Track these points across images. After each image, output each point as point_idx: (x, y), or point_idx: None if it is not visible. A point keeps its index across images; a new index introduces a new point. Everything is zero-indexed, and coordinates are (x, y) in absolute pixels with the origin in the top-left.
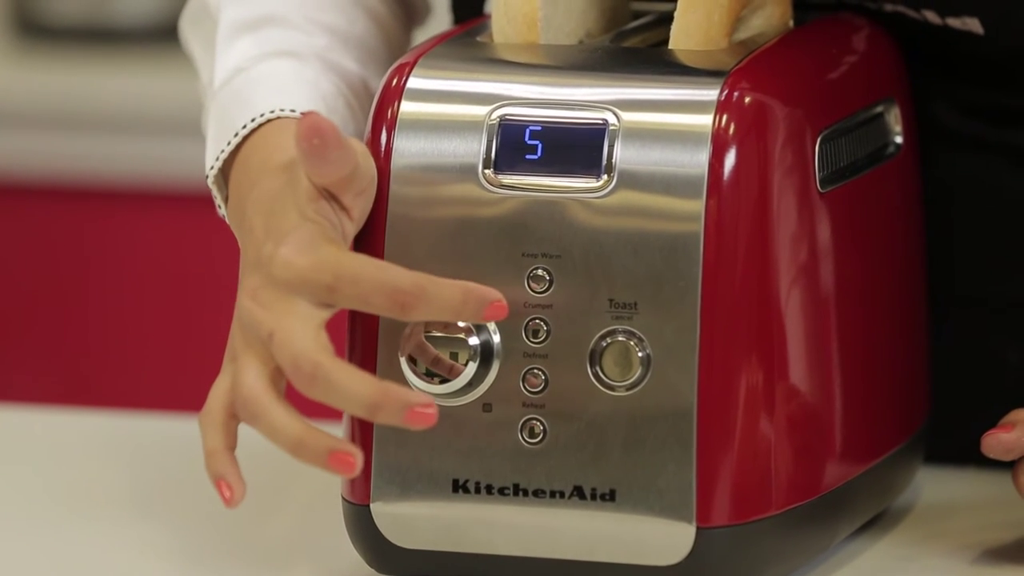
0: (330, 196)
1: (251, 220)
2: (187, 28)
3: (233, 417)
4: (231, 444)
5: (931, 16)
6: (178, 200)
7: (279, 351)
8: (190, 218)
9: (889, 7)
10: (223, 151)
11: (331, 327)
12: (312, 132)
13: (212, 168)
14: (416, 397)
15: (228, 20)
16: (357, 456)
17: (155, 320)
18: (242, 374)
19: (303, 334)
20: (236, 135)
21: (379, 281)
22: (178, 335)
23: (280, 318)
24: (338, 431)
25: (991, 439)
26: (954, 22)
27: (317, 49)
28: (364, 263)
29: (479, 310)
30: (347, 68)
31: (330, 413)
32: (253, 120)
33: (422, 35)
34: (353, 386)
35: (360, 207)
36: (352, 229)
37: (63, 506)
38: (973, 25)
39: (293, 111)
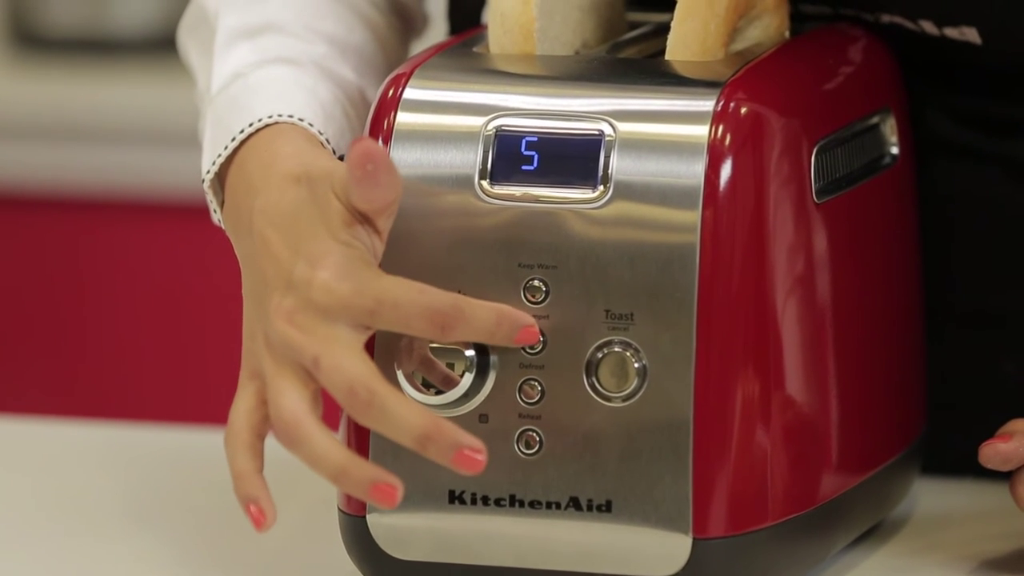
0: (364, 219)
1: (264, 232)
2: (185, 35)
3: (260, 438)
4: (260, 466)
5: (928, 27)
6: (175, 211)
7: (330, 377)
8: (187, 229)
9: (886, 18)
10: (220, 155)
11: None
12: (365, 158)
13: (208, 172)
14: (467, 439)
15: (226, 27)
16: (399, 488)
17: (152, 331)
18: (282, 397)
19: (354, 360)
20: (233, 139)
21: (420, 304)
22: (175, 346)
23: (325, 344)
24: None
25: (989, 449)
26: (952, 32)
27: (315, 57)
28: (404, 287)
29: (512, 333)
30: (345, 77)
31: (328, 424)
32: (251, 125)
33: (419, 45)
34: (409, 417)
35: (388, 228)
36: (382, 249)
37: (59, 517)
38: (971, 35)
39: (291, 116)
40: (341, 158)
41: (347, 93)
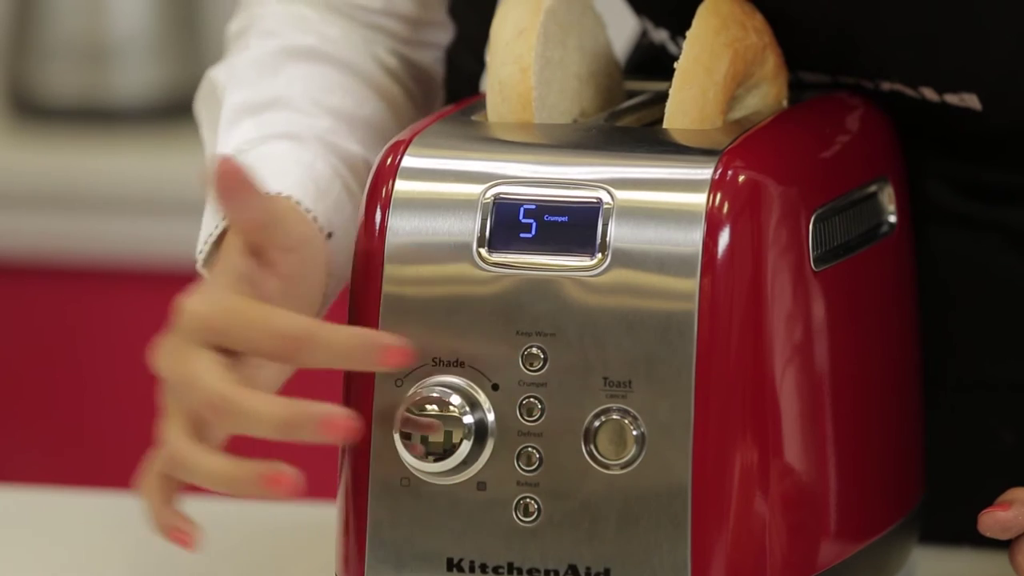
0: (256, 251)
1: None
2: (198, 107)
3: (168, 477)
4: (169, 498)
5: (929, 93)
6: (173, 280)
7: (191, 397)
8: None
9: (887, 86)
10: (211, 235)
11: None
12: (226, 174)
13: (201, 252)
14: (328, 409)
15: (231, 104)
16: (288, 472)
17: (148, 400)
18: (165, 434)
19: (208, 374)
20: (224, 218)
21: (270, 327)
22: None
23: (185, 366)
24: (332, 510)
25: (988, 518)
26: (952, 99)
27: (319, 131)
28: (257, 310)
29: (370, 356)
30: (350, 150)
31: (326, 491)
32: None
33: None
34: (263, 408)
35: (290, 265)
36: (278, 286)
37: None
38: (972, 101)
39: (279, 194)
40: (330, 235)
41: (351, 166)
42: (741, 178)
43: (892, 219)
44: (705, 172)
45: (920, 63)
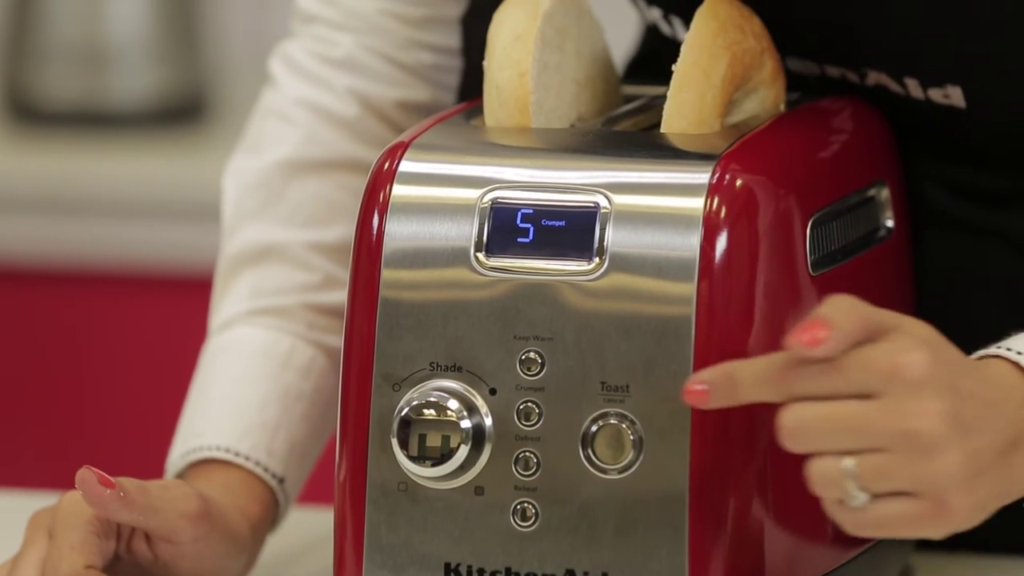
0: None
1: None
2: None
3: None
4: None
5: (913, 88)
6: (171, 284)
7: None
8: (183, 302)
9: (872, 76)
10: (174, 464)
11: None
12: (89, 493)
13: (167, 473)
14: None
15: (231, 253)
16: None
17: (147, 405)
18: None
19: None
20: (175, 463)
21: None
22: (172, 420)
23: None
24: (329, 514)
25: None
26: (936, 95)
27: (310, 287)
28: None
29: None
30: (340, 304)
31: (323, 496)
32: (184, 456)
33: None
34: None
35: (167, 550)
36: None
37: None
38: (956, 97)
39: (227, 451)
40: (282, 480)
41: (337, 327)
42: (739, 182)
43: (890, 223)
44: (703, 176)
45: (905, 50)
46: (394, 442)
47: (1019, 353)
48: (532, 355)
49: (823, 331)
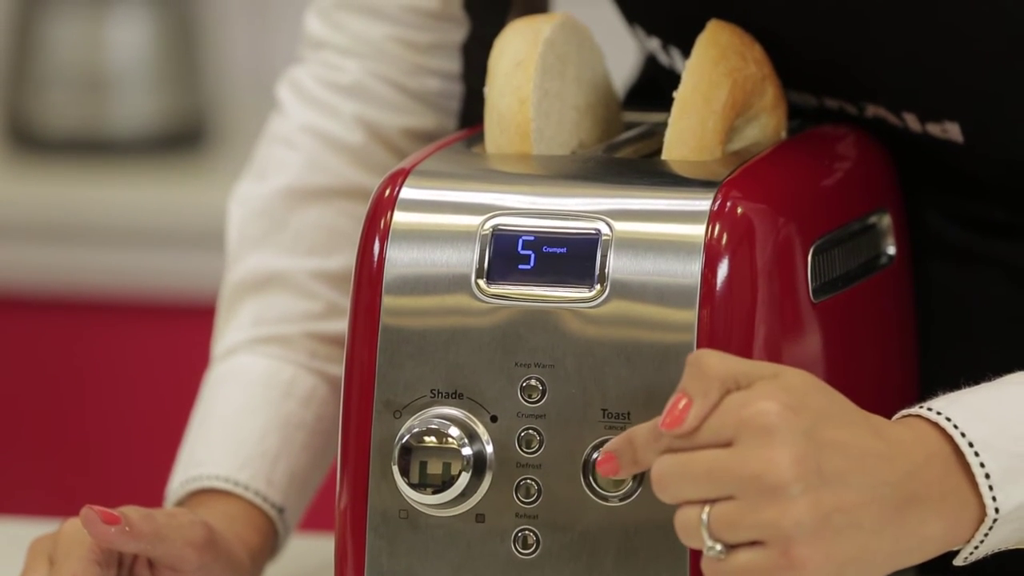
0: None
1: None
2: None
3: None
4: None
5: (912, 122)
6: (174, 312)
7: None
8: (186, 330)
9: (871, 110)
10: (173, 491)
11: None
12: (92, 530)
13: (167, 500)
14: None
15: (232, 282)
16: None
17: (150, 433)
18: None
19: None
20: (175, 491)
21: None
22: (172, 448)
23: None
24: (330, 542)
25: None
26: (934, 129)
27: (313, 316)
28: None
29: None
30: (341, 332)
31: (324, 523)
32: (184, 485)
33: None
34: None
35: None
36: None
37: None
38: (953, 132)
39: (226, 481)
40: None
41: (338, 356)
42: (740, 209)
43: (891, 250)
44: (704, 203)
45: (904, 86)
46: (395, 469)
47: (938, 413)
48: (533, 382)
49: (684, 409)
